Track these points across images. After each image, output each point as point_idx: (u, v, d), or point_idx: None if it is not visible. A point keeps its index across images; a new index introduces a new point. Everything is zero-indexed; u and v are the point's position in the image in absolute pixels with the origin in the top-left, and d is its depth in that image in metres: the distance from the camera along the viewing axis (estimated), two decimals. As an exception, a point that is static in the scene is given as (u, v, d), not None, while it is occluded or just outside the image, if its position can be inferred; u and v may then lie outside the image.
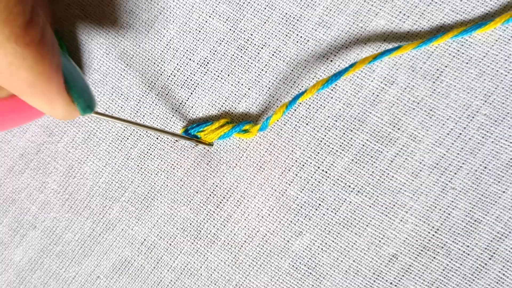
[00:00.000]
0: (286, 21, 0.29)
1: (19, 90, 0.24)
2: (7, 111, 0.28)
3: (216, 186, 0.29)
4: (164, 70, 0.30)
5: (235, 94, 0.29)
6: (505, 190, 0.26)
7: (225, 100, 0.29)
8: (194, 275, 0.29)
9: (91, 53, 0.31)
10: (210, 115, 0.29)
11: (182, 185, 0.30)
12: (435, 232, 0.26)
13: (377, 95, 0.27)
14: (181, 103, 0.30)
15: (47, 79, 0.23)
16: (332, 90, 0.28)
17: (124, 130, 0.31)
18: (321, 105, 0.28)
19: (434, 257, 0.26)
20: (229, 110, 0.29)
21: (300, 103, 0.28)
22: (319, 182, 0.28)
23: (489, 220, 0.26)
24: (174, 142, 0.30)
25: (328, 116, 0.28)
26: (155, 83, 0.30)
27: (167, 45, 0.30)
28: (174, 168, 0.30)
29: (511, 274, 0.26)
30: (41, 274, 0.31)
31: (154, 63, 0.30)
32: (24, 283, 0.31)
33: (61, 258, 0.31)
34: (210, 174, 0.29)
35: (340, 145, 0.28)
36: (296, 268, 0.28)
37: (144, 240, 0.30)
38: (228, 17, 0.29)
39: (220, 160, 0.29)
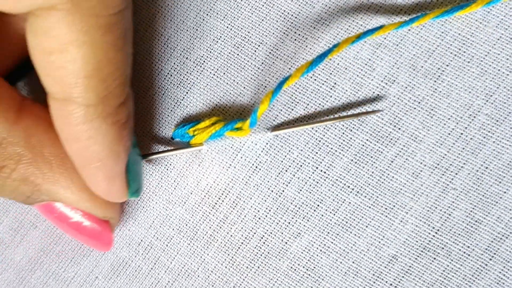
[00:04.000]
0: (284, 18, 0.28)
1: (84, 162, 0.24)
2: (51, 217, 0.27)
3: (211, 187, 0.29)
4: (162, 69, 0.30)
5: (230, 93, 0.29)
6: (506, 191, 0.25)
7: (220, 99, 0.29)
8: (191, 276, 0.29)
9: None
10: (205, 114, 0.29)
11: (176, 186, 0.29)
12: (436, 233, 0.26)
13: (377, 94, 0.27)
14: (176, 103, 0.30)
15: (116, 158, 0.24)
16: (331, 89, 0.27)
17: (120, 130, 0.30)
18: (319, 104, 0.28)
19: (435, 258, 0.26)
20: (223, 109, 0.29)
21: (298, 102, 0.28)
22: (317, 182, 0.27)
23: (489, 220, 0.26)
24: (169, 142, 0.30)
25: (327, 116, 0.27)
26: (152, 84, 0.30)
27: (164, 44, 0.30)
28: (167, 169, 0.29)
29: (511, 275, 0.25)
30: (40, 274, 0.31)
31: (152, 62, 0.30)
32: (23, 282, 0.31)
33: (61, 258, 0.31)
34: (203, 175, 0.29)
35: (339, 145, 0.27)
36: (295, 269, 0.28)
37: (141, 240, 0.30)
38: (226, 15, 0.29)
39: (212, 160, 0.29)
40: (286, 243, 0.28)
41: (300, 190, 0.28)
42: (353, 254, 0.27)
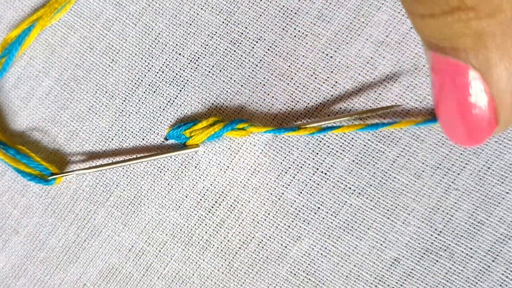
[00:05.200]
0: (283, 14, 0.27)
1: None
2: None
3: (207, 190, 0.28)
4: (152, 66, 0.28)
5: (227, 91, 0.28)
6: (508, 191, 0.25)
7: (216, 98, 0.28)
8: (186, 283, 0.28)
9: (74, 48, 0.29)
10: (200, 114, 0.28)
11: (170, 189, 0.28)
12: (438, 234, 0.26)
13: (379, 94, 0.26)
14: (169, 101, 0.28)
15: None
16: (332, 87, 0.27)
17: (108, 131, 0.29)
18: (320, 103, 0.27)
19: (437, 260, 0.26)
20: (220, 109, 0.28)
21: (298, 101, 0.27)
22: (318, 184, 0.27)
23: (492, 221, 0.25)
24: (162, 143, 0.28)
25: (328, 115, 0.27)
26: (142, 80, 0.29)
27: (155, 39, 0.28)
28: (161, 171, 0.28)
29: (514, 277, 0.25)
30: (25, 281, 0.30)
31: (142, 58, 0.29)
32: (8, 290, 0.30)
33: (46, 265, 0.29)
34: (200, 177, 0.28)
35: (340, 146, 0.27)
36: (295, 274, 0.27)
37: (132, 246, 0.28)
38: (221, 9, 0.28)
39: (209, 162, 0.28)
40: (285, 247, 0.27)
41: (300, 192, 0.27)
42: (355, 258, 0.26)
